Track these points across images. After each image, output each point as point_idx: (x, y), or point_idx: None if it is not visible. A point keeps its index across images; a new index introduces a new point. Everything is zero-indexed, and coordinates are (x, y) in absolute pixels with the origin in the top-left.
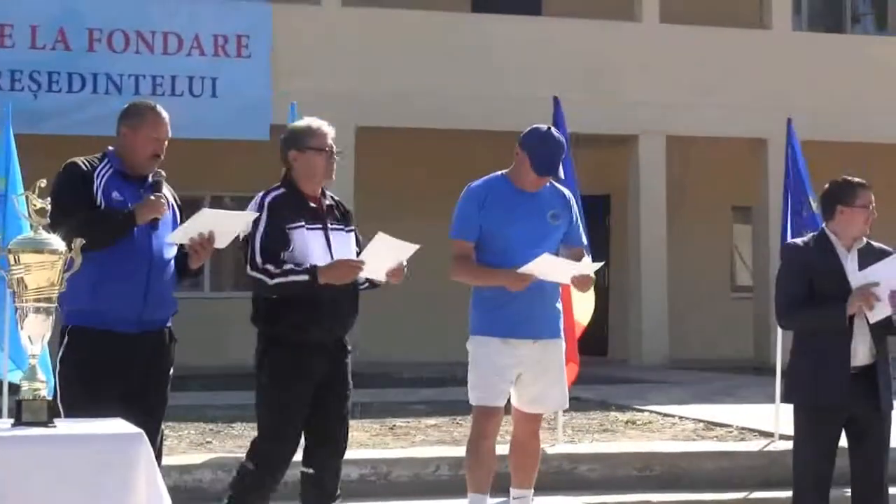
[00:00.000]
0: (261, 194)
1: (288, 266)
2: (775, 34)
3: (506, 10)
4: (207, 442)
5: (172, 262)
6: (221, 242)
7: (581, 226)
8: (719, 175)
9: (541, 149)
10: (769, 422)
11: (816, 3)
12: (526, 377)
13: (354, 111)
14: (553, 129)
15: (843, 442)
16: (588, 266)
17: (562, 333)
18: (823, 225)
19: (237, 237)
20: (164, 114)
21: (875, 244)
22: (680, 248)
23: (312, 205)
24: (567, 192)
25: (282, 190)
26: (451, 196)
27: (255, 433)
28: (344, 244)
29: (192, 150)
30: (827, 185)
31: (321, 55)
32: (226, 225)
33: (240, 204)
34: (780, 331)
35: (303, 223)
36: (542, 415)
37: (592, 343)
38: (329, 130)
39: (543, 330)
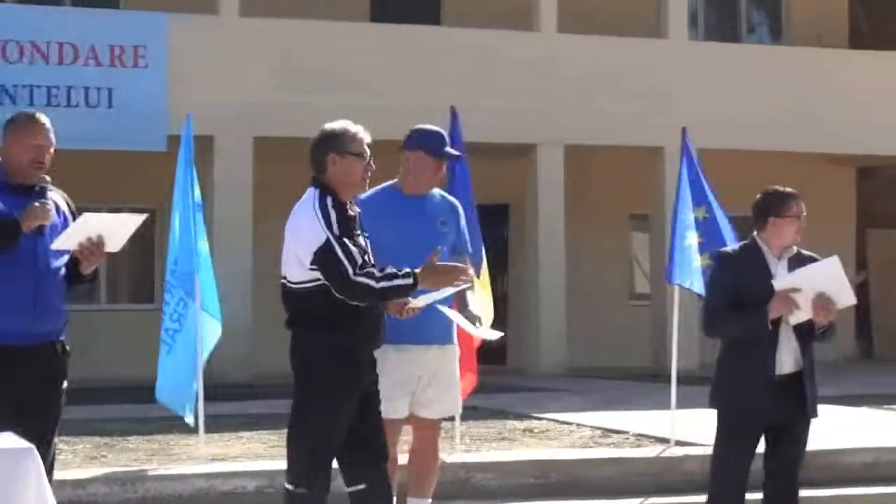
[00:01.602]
0: (316, 200)
1: (389, 271)
2: (672, 44)
3: (404, 19)
4: (102, 456)
5: (62, 271)
6: (113, 246)
7: (466, 233)
8: (617, 184)
9: (429, 136)
10: (665, 428)
11: (712, 13)
12: (421, 382)
13: (252, 121)
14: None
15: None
16: (484, 333)
17: (455, 340)
18: (755, 233)
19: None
20: (44, 121)
21: (805, 252)
22: (578, 256)
23: (351, 213)
24: (453, 200)
25: (330, 196)
26: None
27: (152, 446)
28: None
29: (90, 161)
30: (759, 196)
31: (219, 65)
32: (114, 228)
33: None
34: (675, 338)
35: (358, 232)
36: (440, 422)
37: (491, 352)
38: (366, 136)
39: (437, 336)
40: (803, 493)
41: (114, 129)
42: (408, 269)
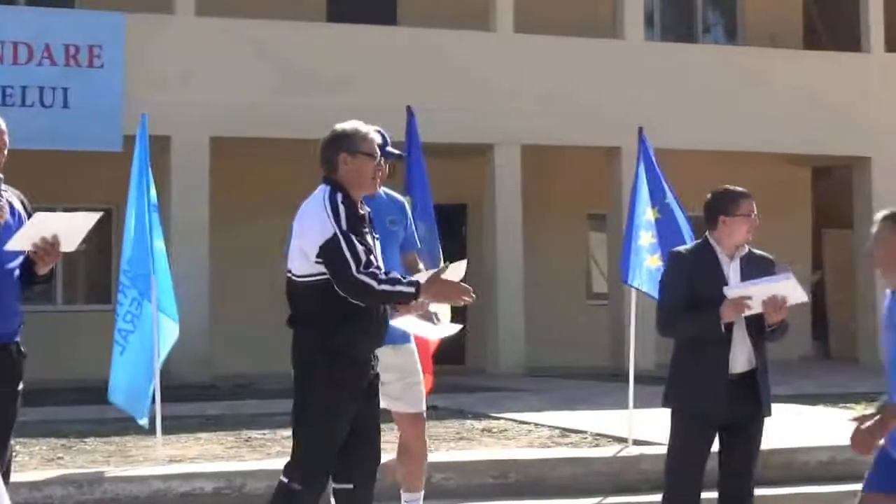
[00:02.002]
0: (327, 195)
1: (393, 275)
2: (628, 44)
3: (361, 19)
4: (59, 458)
5: (16, 272)
6: (69, 245)
7: (416, 232)
8: (575, 183)
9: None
10: (623, 427)
11: (668, 14)
12: (388, 381)
13: (208, 121)
14: None
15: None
16: (457, 270)
17: (412, 339)
18: (707, 233)
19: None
20: None
21: (756, 251)
22: (536, 256)
23: (361, 212)
24: (400, 197)
25: (341, 193)
26: None
27: (109, 447)
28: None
29: (46, 161)
30: (709, 195)
31: (175, 65)
32: (68, 227)
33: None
34: (633, 337)
35: (367, 230)
36: (423, 417)
37: (449, 352)
38: (377, 136)
39: (395, 336)
40: (760, 491)
41: (69, 129)
42: (412, 278)
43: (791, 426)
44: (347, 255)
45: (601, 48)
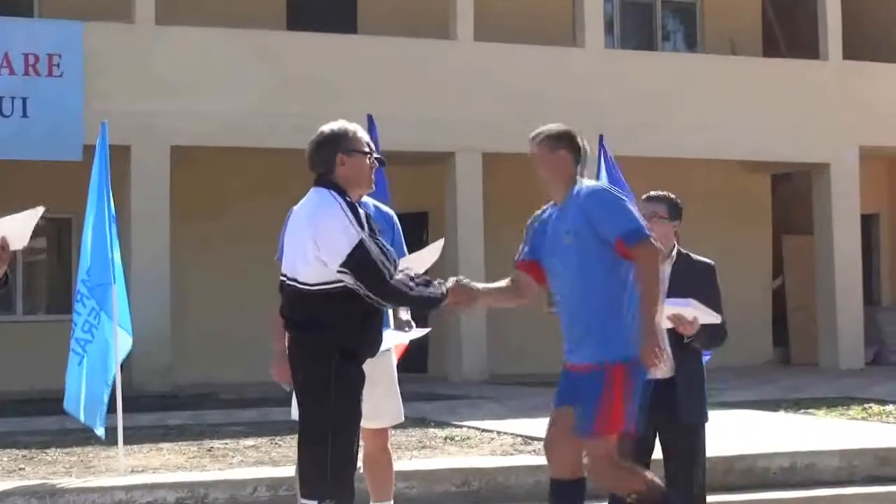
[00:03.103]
0: (338, 199)
1: (421, 278)
2: (588, 52)
3: (321, 27)
4: (20, 469)
5: None
6: (17, 244)
7: (404, 244)
8: (536, 191)
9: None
10: None
11: (628, 22)
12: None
13: (169, 130)
14: None
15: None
16: (434, 249)
17: (392, 346)
18: None
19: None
20: None
21: (694, 257)
22: (497, 263)
23: (362, 212)
24: (390, 211)
25: (348, 196)
26: (268, 214)
27: (71, 458)
28: None
29: (4, 170)
30: None
31: (135, 74)
32: (15, 227)
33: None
34: None
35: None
36: (387, 429)
37: (412, 360)
38: (364, 135)
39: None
40: (721, 497)
41: (29, 139)
42: (441, 280)
43: (752, 432)
44: (379, 261)
45: (561, 56)
